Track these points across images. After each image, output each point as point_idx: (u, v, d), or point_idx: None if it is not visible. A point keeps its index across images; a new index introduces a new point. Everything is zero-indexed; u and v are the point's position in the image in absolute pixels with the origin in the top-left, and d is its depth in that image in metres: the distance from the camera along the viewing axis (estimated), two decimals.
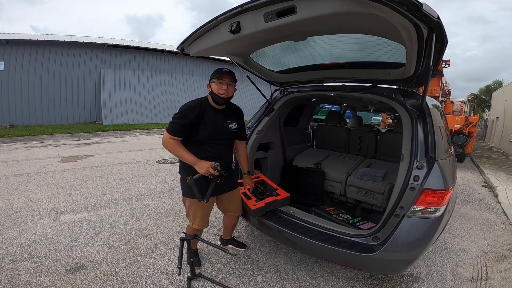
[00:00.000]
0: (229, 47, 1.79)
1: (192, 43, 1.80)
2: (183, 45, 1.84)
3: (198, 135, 1.86)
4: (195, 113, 1.82)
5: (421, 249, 1.74)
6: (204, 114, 1.85)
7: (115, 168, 5.56)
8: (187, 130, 1.82)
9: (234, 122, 2.03)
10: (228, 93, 1.88)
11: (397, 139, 2.95)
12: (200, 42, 1.75)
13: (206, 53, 1.88)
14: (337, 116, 3.81)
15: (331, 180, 2.94)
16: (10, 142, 8.78)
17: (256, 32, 1.41)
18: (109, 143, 9.13)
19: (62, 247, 2.57)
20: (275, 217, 2.14)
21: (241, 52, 2.11)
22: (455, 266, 2.57)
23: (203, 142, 1.88)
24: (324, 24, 1.38)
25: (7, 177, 4.78)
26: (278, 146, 3.14)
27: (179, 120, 1.80)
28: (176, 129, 1.80)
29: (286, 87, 2.76)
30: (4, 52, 12.34)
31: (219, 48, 1.77)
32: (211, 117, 1.88)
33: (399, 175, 1.86)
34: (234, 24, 1.43)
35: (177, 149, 1.82)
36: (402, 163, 1.88)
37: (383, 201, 2.58)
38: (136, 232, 2.90)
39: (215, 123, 1.90)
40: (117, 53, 15.14)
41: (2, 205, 3.52)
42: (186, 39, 1.78)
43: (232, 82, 1.89)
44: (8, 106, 12.47)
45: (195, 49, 1.84)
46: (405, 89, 1.99)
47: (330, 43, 1.94)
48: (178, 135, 1.81)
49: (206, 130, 1.86)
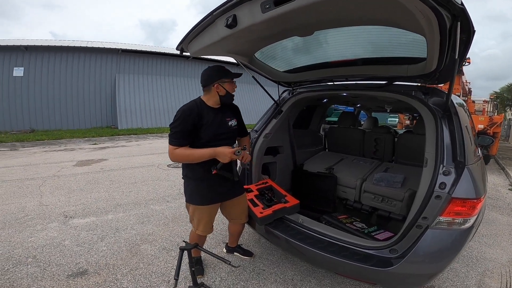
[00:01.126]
0: (229, 44, 1.67)
1: (191, 42, 1.70)
2: (182, 44, 1.74)
3: (200, 138, 1.77)
4: (193, 115, 1.72)
5: (446, 263, 1.56)
6: (202, 115, 1.76)
7: (126, 172, 5.59)
8: (190, 135, 1.73)
9: (233, 118, 1.94)
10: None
11: (418, 141, 2.75)
12: (199, 40, 1.64)
13: (206, 52, 1.78)
14: (351, 118, 3.62)
15: (344, 186, 2.76)
16: (29, 146, 9.10)
17: (253, 24, 1.28)
18: (123, 147, 9.28)
19: (67, 251, 2.56)
20: (283, 226, 1.99)
21: (244, 51, 1.98)
22: (482, 276, 2.36)
23: (206, 144, 1.78)
24: (327, 13, 1.24)
25: (22, 181, 4.90)
26: (288, 150, 2.99)
27: (178, 128, 1.69)
28: (178, 138, 1.70)
29: (295, 87, 2.62)
30: (23, 58, 12.83)
31: (219, 46, 1.65)
32: (210, 117, 1.79)
33: (422, 182, 1.67)
34: (230, 18, 1.32)
35: (188, 153, 1.72)
36: (426, 168, 1.69)
37: (402, 208, 2.38)
38: (141, 238, 2.85)
39: (216, 123, 1.81)
40: (131, 58, 15.45)
41: (14, 209, 3.58)
42: (184, 38, 1.68)
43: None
44: (28, 111, 12.96)
45: (194, 48, 1.73)
46: (426, 86, 1.81)
47: (339, 38, 1.79)
48: (182, 144, 1.71)
49: (208, 131, 1.77)
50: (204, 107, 1.80)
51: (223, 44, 1.61)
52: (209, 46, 1.63)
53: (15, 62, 12.67)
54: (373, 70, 1.95)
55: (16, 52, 12.66)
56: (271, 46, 2.01)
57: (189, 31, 1.60)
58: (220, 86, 1.79)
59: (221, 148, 1.71)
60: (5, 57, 12.48)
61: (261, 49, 2.04)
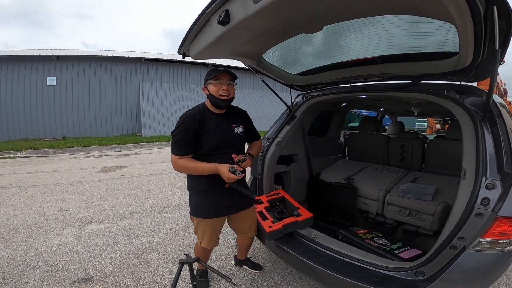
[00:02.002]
0: (228, 44, 1.53)
1: (191, 44, 1.60)
2: (183, 47, 1.64)
3: (202, 146, 1.64)
4: (195, 121, 1.60)
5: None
6: (204, 122, 1.63)
7: (145, 179, 5.67)
8: (194, 143, 1.61)
9: (239, 125, 1.78)
10: (229, 93, 1.64)
11: (452, 147, 2.48)
12: (197, 42, 1.53)
13: (207, 54, 1.66)
14: (373, 122, 3.35)
15: (366, 198, 2.50)
16: (60, 153, 9.64)
17: (247, 18, 1.14)
18: (145, 154, 9.52)
19: (77, 257, 2.58)
20: (293, 242, 1.81)
21: (250, 53, 1.84)
22: None
23: (209, 154, 1.64)
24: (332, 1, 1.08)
25: (48, 186, 5.12)
26: (303, 159, 2.79)
27: (180, 135, 1.58)
28: (181, 147, 1.58)
29: (309, 90, 2.46)
30: (55, 68, 13.66)
31: (218, 47, 1.53)
32: (213, 124, 1.65)
33: (459, 197, 1.43)
34: (222, 14, 1.19)
35: (192, 167, 1.60)
36: (464, 181, 1.43)
37: (433, 223, 2.11)
38: (150, 246, 2.80)
39: (219, 130, 1.66)
40: (154, 67, 15.93)
41: (36, 213, 3.71)
42: (183, 41, 1.57)
43: (231, 81, 1.66)
44: (61, 119, 13.75)
45: (194, 51, 1.62)
46: (460, 84, 1.56)
47: (354, 33, 1.62)
48: (185, 153, 1.60)
49: (210, 140, 1.63)
50: (207, 113, 1.67)
51: (222, 44, 1.48)
52: (208, 48, 1.51)
53: (48, 71, 13.51)
54: (396, 68, 1.74)
55: (49, 62, 13.50)
56: (280, 47, 1.88)
57: (187, 33, 1.50)
58: (206, 89, 1.67)
59: (222, 167, 1.54)
60: (39, 66, 13.33)
61: (269, 51, 1.91)
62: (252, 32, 1.36)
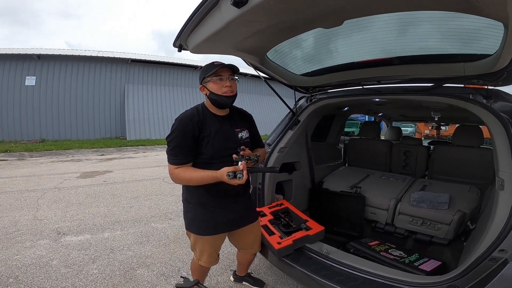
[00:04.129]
0: (234, 35, 1.33)
1: (190, 34, 1.39)
2: (180, 39, 1.43)
3: (201, 153, 1.42)
4: (193, 124, 1.38)
5: None
6: (204, 125, 1.41)
7: (130, 185, 5.32)
8: (192, 149, 1.40)
9: (244, 129, 1.57)
10: (233, 89, 1.44)
11: (459, 154, 2.44)
12: (199, 31, 1.32)
13: (209, 47, 1.45)
14: (374, 128, 3.26)
15: (374, 207, 2.38)
16: (37, 156, 9.03)
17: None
18: (130, 158, 9.09)
19: (53, 273, 2.30)
20: (303, 258, 1.62)
21: (255, 48, 1.65)
22: None
23: (209, 163, 1.42)
24: None
25: (22, 192, 4.69)
26: (305, 166, 2.62)
27: (176, 141, 1.37)
28: (177, 155, 1.37)
29: (313, 93, 2.31)
30: (35, 67, 12.93)
31: (222, 38, 1.33)
32: (214, 127, 1.44)
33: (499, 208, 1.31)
34: None
35: (189, 178, 1.37)
36: (503, 191, 1.32)
37: (448, 232, 2.02)
38: (138, 261, 2.53)
39: (221, 134, 1.45)
40: (140, 68, 15.46)
41: (7, 222, 3.35)
42: (182, 30, 1.36)
43: (233, 75, 1.46)
44: (39, 121, 12.98)
45: (194, 42, 1.41)
46: (487, 88, 1.46)
47: (370, 30, 1.49)
48: (183, 162, 1.38)
49: (211, 145, 1.41)
50: (207, 115, 1.45)
51: (228, 34, 1.28)
52: (210, 39, 1.30)
53: (28, 71, 12.80)
54: (416, 70, 1.62)
55: (29, 61, 12.81)
56: (285, 44, 1.72)
57: (187, 20, 1.28)
58: (204, 89, 1.45)
59: (222, 174, 1.28)
60: (18, 65, 12.62)
61: (275, 47, 1.74)
62: (268, 20, 1.16)
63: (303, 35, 1.68)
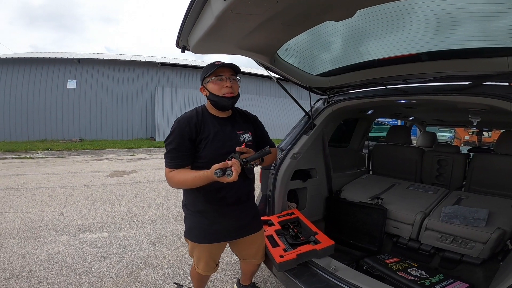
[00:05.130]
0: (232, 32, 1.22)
1: (190, 34, 1.31)
2: (181, 39, 1.36)
3: (199, 157, 1.34)
4: (190, 127, 1.31)
5: None
6: (202, 127, 1.33)
7: (152, 185, 5.45)
8: (190, 153, 1.32)
9: (247, 131, 1.46)
10: (234, 90, 1.35)
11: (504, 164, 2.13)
12: (197, 30, 1.24)
13: (210, 46, 1.36)
14: (404, 133, 2.95)
15: (397, 221, 2.12)
16: (75, 155, 9.70)
17: None
18: (157, 159, 9.40)
19: (65, 268, 2.36)
20: (307, 275, 1.45)
21: (261, 46, 1.51)
22: None
23: (207, 166, 1.28)
24: None
25: (54, 189, 5.00)
26: (322, 173, 2.42)
27: (173, 144, 1.30)
28: (173, 158, 1.30)
29: (331, 94, 2.13)
30: (76, 71, 14.02)
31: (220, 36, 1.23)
32: (213, 129, 1.35)
33: None
34: None
35: (180, 178, 1.28)
36: None
37: (483, 251, 1.73)
38: (146, 261, 2.52)
39: (221, 137, 1.36)
40: (170, 71, 16.09)
41: (35, 217, 3.54)
42: (181, 30, 1.29)
43: (234, 75, 1.37)
44: (79, 121, 14.02)
45: (193, 41, 1.32)
46: None
47: (391, 21, 1.30)
48: (179, 166, 1.30)
49: (209, 149, 1.33)
50: (207, 117, 1.38)
51: (225, 31, 1.18)
52: (208, 37, 1.20)
53: (69, 74, 13.89)
54: (449, 66, 1.38)
55: (71, 65, 13.91)
56: (298, 41, 1.57)
57: (183, 19, 1.19)
58: (204, 89, 1.38)
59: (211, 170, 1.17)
60: (61, 69, 13.74)
61: (285, 45, 1.60)
62: (262, 11, 1.04)
63: (316, 31, 1.53)
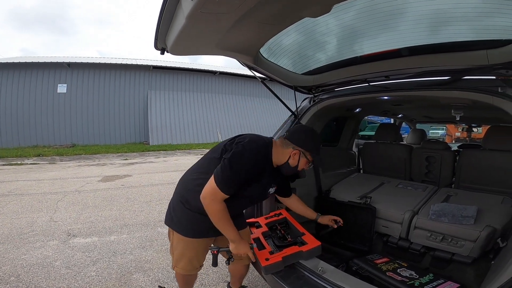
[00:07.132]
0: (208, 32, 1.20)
1: (166, 35, 1.29)
2: (158, 40, 1.34)
3: (244, 190, 1.34)
4: (263, 162, 1.33)
5: None
6: (264, 171, 1.36)
7: (144, 190, 5.40)
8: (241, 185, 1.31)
9: (275, 185, 1.54)
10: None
11: (491, 159, 2.14)
12: (172, 31, 1.22)
13: (189, 47, 1.35)
14: (392, 130, 2.96)
15: (386, 220, 2.11)
16: (67, 160, 9.57)
17: None
18: (150, 163, 9.33)
19: (54, 273, 2.34)
20: (294, 277, 1.44)
21: (242, 46, 1.50)
22: None
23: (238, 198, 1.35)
24: None
25: (45, 195, 4.92)
26: (310, 173, 2.43)
27: (241, 173, 1.25)
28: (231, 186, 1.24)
29: (316, 93, 2.13)
30: (66, 75, 13.80)
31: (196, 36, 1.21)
32: (265, 175, 1.38)
33: None
34: None
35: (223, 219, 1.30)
36: None
37: (473, 249, 1.73)
38: (136, 265, 2.49)
39: (263, 187, 1.44)
40: (162, 75, 15.96)
41: (24, 223, 3.49)
42: (157, 31, 1.27)
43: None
44: (70, 127, 13.82)
45: (170, 42, 1.30)
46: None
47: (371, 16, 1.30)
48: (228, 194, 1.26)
49: (255, 190, 1.40)
50: (269, 161, 1.39)
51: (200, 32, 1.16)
52: (183, 37, 1.19)
53: (59, 78, 13.69)
54: (430, 61, 1.39)
55: (60, 69, 13.69)
56: (279, 39, 1.57)
57: (158, 21, 1.18)
58: (297, 156, 1.38)
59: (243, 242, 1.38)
60: (50, 73, 13.52)
61: (268, 45, 1.60)
62: (231, 9, 1.01)
63: (298, 29, 1.53)
